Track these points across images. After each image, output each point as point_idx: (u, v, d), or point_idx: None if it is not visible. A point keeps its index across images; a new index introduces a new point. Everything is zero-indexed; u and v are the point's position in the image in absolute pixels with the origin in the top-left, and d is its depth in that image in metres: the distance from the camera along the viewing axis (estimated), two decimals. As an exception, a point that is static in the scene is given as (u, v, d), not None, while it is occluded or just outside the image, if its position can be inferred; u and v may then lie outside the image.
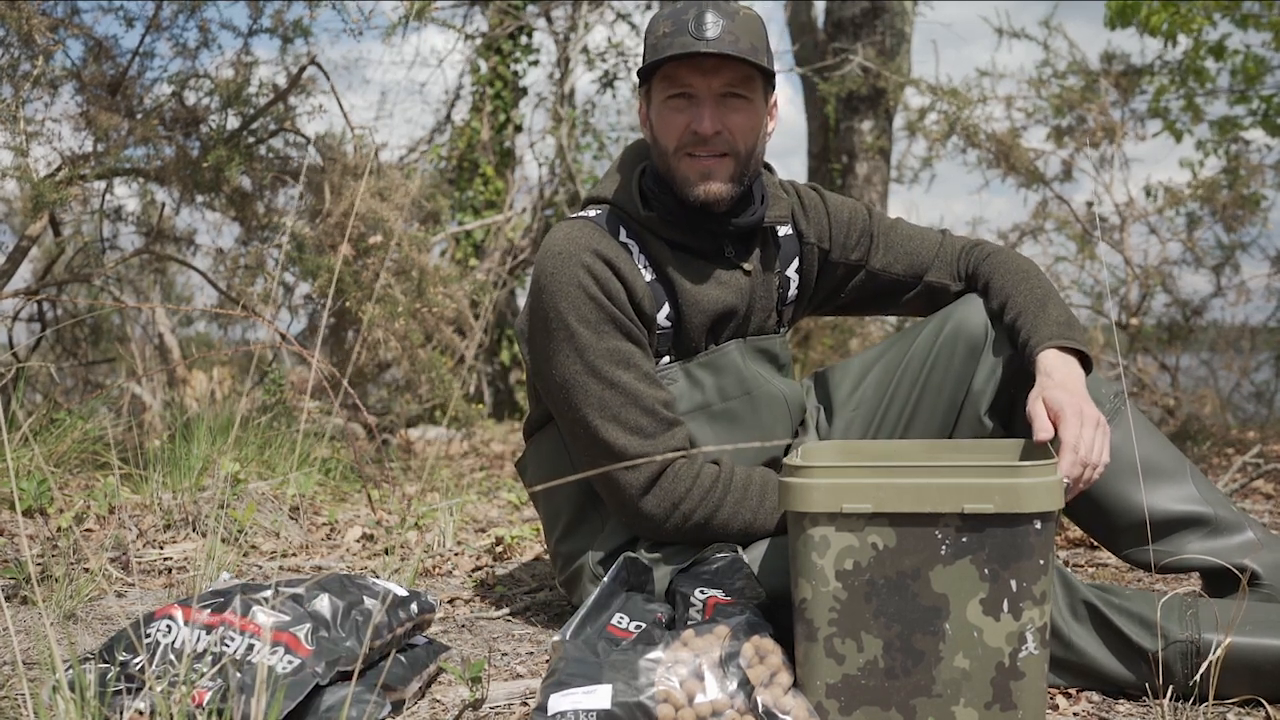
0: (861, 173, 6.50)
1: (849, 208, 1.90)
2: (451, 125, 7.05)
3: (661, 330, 1.72)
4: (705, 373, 1.73)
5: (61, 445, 2.79)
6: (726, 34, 1.62)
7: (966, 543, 1.30)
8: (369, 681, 1.41)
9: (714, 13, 1.63)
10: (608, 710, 1.29)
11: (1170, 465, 1.68)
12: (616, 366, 1.63)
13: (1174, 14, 5.52)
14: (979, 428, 1.70)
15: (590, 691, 1.31)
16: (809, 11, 6.87)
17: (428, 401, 4.62)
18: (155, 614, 1.43)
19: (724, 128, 1.65)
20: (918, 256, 1.87)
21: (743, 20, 1.65)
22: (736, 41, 1.62)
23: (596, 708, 1.29)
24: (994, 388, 1.70)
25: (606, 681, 1.32)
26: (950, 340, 1.73)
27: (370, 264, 3.73)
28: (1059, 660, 1.49)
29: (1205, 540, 1.63)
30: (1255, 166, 5.57)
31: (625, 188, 1.76)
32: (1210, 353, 6.08)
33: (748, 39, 1.64)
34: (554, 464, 1.80)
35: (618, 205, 1.75)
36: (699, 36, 1.61)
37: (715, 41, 1.61)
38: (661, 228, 1.73)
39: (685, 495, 1.62)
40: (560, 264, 1.65)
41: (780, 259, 1.84)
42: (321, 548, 2.53)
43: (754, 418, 1.75)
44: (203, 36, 3.79)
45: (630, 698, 1.30)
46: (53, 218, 3.70)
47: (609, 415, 1.63)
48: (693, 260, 1.74)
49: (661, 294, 1.72)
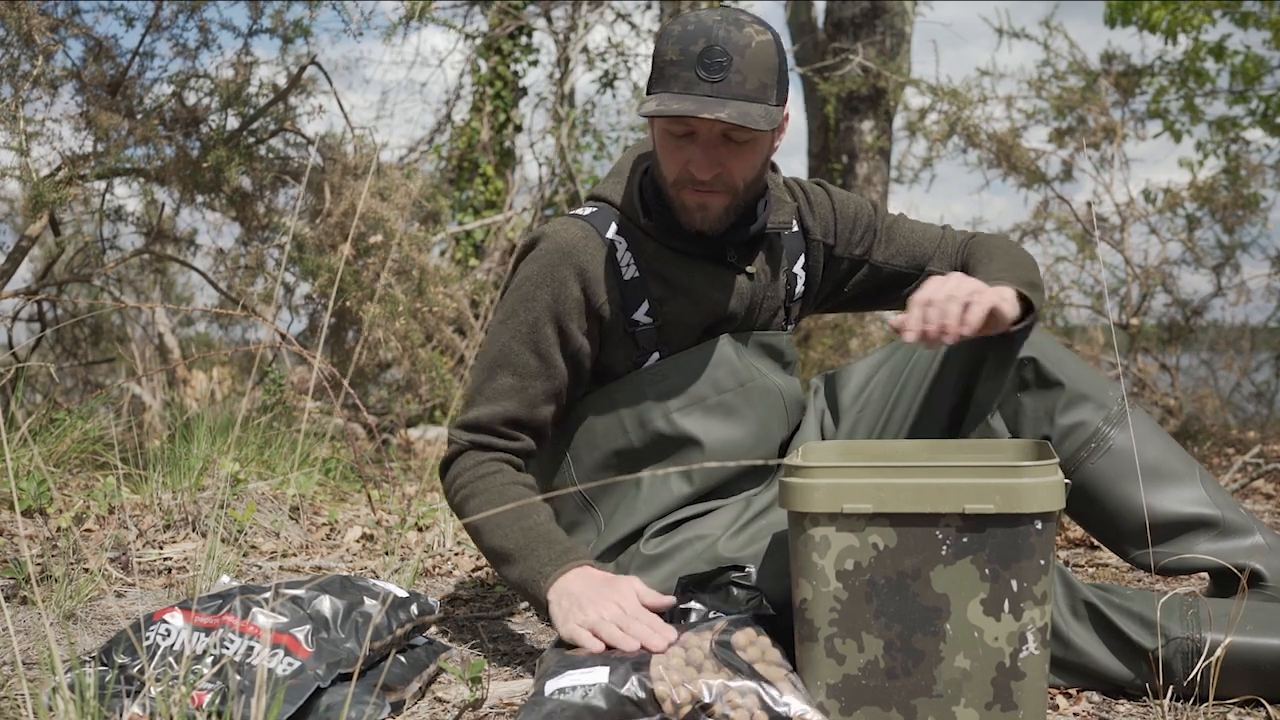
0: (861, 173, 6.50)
1: (854, 203, 1.89)
2: (451, 125, 7.05)
3: (642, 327, 1.72)
4: (696, 368, 1.73)
5: (61, 445, 2.79)
6: (734, 74, 1.56)
7: (967, 543, 1.30)
8: (369, 681, 1.41)
9: (724, 46, 1.56)
10: (605, 685, 1.29)
11: (1179, 467, 1.67)
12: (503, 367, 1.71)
13: (1174, 11, 5.52)
14: (986, 430, 1.70)
15: (587, 672, 1.32)
16: (809, 11, 6.87)
17: (428, 401, 4.62)
18: (155, 616, 1.43)
19: (722, 168, 1.63)
20: (919, 249, 1.88)
21: (754, 53, 1.58)
22: (744, 83, 1.56)
23: (595, 683, 1.30)
24: (1000, 393, 1.69)
25: (602, 666, 1.33)
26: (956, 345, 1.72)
27: (371, 264, 3.73)
28: (1059, 660, 1.48)
29: (1213, 542, 1.63)
30: (1255, 166, 5.57)
31: (628, 194, 1.76)
32: (1210, 353, 6.08)
33: (756, 76, 1.57)
34: (552, 466, 1.81)
35: (620, 210, 1.75)
36: (705, 77, 1.56)
37: (721, 85, 1.56)
38: (661, 235, 1.73)
39: (458, 476, 1.71)
40: (530, 260, 1.72)
41: (786, 256, 1.84)
42: (321, 548, 2.53)
43: (749, 411, 1.74)
44: (203, 36, 3.78)
45: (626, 674, 1.31)
46: (53, 218, 3.70)
47: (483, 377, 1.74)
48: (692, 263, 1.74)
49: (642, 292, 1.72)
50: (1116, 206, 5.39)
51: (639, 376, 1.73)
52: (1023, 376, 1.68)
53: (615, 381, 1.74)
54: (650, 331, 1.72)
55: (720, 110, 1.54)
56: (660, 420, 1.71)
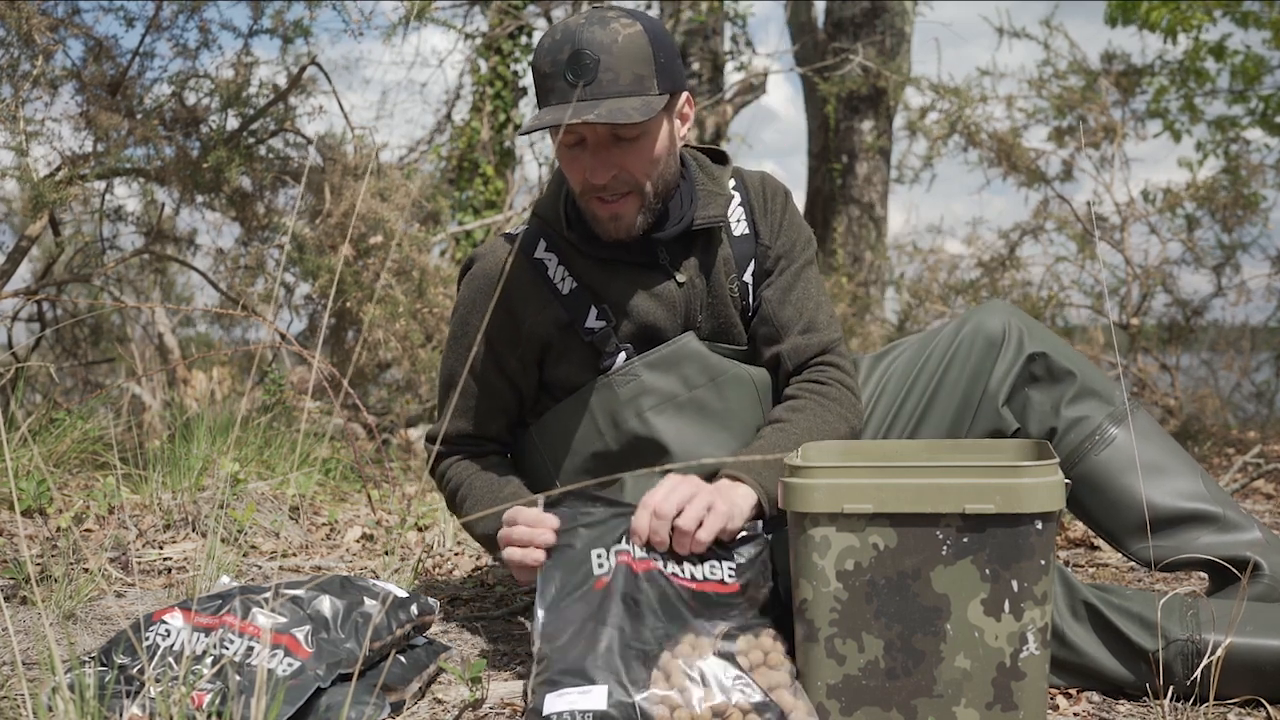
0: (861, 172, 6.50)
1: (799, 228, 1.81)
2: (451, 125, 7.05)
3: (599, 332, 1.71)
4: (664, 366, 1.71)
5: (61, 445, 2.79)
6: (605, 73, 1.54)
7: (967, 543, 1.30)
8: (369, 682, 1.41)
9: (590, 49, 1.54)
10: (604, 711, 1.29)
11: (1179, 466, 1.69)
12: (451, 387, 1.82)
13: (1174, 11, 5.52)
14: (997, 422, 1.71)
15: (585, 692, 1.31)
16: (809, 11, 6.87)
17: (427, 401, 4.62)
18: (154, 616, 1.42)
19: (619, 168, 1.62)
20: (787, 318, 1.75)
21: (623, 47, 1.56)
22: (616, 80, 1.55)
23: (593, 709, 1.29)
24: (1011, 383, 1.71)
25: (601, 682, 1.32)
26: (969, 339, 1.74)
27: (371, 264, 3.73)
28: (1059, 661, 1.48)
29: (1213, 536, 1.64)
30: (1255, 166, 5.57)
31: (554, 205, 1.76)
32: (1210, 353, 6.08)
33: (629, 69, 1.56)
34: (536, 473, 1.82)
35: (545, 222, 1.77)
36: (575, 82, 1.55)
37: (592, 87, 1.55)
38: (586, 245, 1.72)
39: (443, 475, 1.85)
40: (464, 285, 1.81)
41: (736, 261, 1.76)
42: (321, 548, 2.53)
43: (722, 404, 1.72)
44: (203, 37, 3.78)
45: (625, 698, 1.30)
46: (52, 217, 3.70)
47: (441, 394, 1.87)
48: (622, 270, 1.72)
49: (586, 300, 1.72)
50: (1117, 206, 5.39)
51: (609, 379, 1.72)
52: (1032, 371, 1.71)
53: (586, 385, 1.74)
54: (607, 333, 1.72)
55: (589, 112, 1.53)
56: (634, 420, 1.70)
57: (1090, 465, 1.68)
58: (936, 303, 5.74)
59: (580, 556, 1.47)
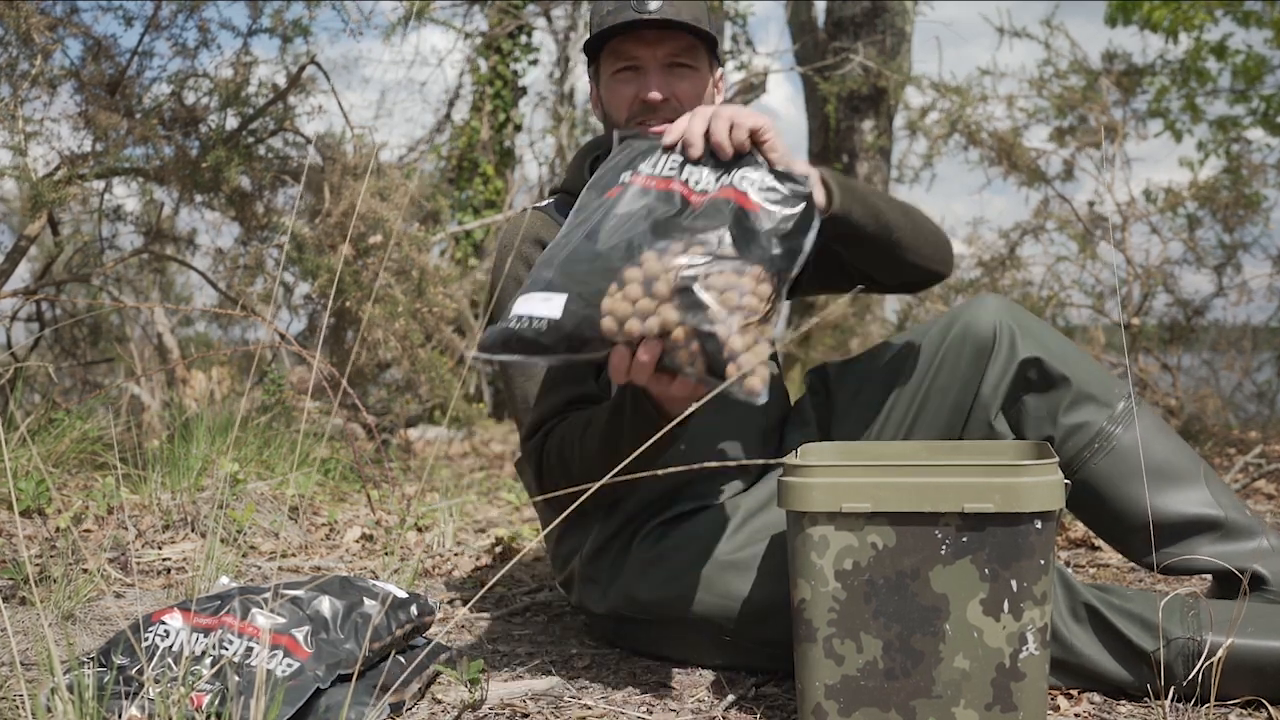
0: (862, 172, 6.50)
1: None
2: (451, 125, 7.05)
3: None
4: None
5: (60, 445, 2.78)
6: (668, 5, 1.67)
7: (967, 542, 1.30)
8: (368, 682, 1.41)
9: None
10: (556, 320, 1.31)
11: (1184, 467, 1.66)
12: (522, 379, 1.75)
13: (1175, 10, 5.52)
14: (989, 433, 1.68)
15: (547, 299, 1.33)
16: (809, 11, 6.87)
17: (428, 401, 4.62)
18: (153, 616, 1.42)
19: (672, 95, 1.70)
20: None
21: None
22: (679, 12, 1.67)
23: (548, 315, 1.32)
24: (1004, 392, 1.67)
25: (562, 290, 1.33)
26: (958, 341, 1.68)
27: (370, 264, 3.72)
28: (1059, 662, 1.48)
29: (1217, 544, 1.62)
30: (1256, 166, 5.57)
31: (578, 178, 1.80)
32: (1212, 353, 6.07)
33: (689, 10, 1.68)
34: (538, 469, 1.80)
35: (569, 191, 1.80)
36: (640, 10, 1.66)
37: (658, 11, 1.66)
38: None
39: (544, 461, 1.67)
40: (501, 255, 1.80)
41: None
42: (321, 548, 2.53)
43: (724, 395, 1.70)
44: (202, 36, 3.78)
45: (580, 307, 1.31)
46: (51, 217, 3.70)
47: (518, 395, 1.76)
48: None
49: None
50: (1118, 206, 5.38)
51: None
52: (1027, 377, 1.67)
53: None
54: None
55: (654, 11, 1.64)
56: None
57: (1090, 472, 1.65)
58: (936, 302, 5.73)
59: (609, 180, 1.47)
